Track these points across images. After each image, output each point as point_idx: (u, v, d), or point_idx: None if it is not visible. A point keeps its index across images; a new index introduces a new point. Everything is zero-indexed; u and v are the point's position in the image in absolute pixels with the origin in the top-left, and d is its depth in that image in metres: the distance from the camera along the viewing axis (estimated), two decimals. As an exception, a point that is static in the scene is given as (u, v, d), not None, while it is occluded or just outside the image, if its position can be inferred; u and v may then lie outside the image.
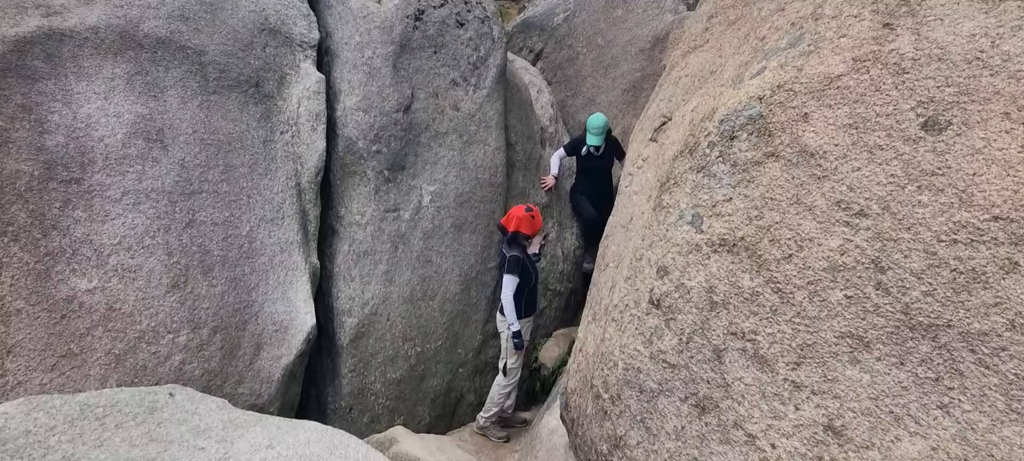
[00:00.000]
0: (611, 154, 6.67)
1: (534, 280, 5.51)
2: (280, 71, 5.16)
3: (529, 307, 5.54)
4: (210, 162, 4.59)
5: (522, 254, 5.38)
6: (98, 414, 3.08)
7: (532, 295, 5.56)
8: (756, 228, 2.59)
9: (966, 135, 2.09)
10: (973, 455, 2.04)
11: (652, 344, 2.94)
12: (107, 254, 4.07)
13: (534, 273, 5.50)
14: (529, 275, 5.42)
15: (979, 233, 2.02)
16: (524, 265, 5.37)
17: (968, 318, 2.04)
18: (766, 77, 2.71)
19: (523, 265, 5.36)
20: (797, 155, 2.49)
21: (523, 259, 5.37)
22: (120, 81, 4.37)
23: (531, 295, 5.53)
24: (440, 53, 5.87)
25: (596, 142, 6.35)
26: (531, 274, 5.44)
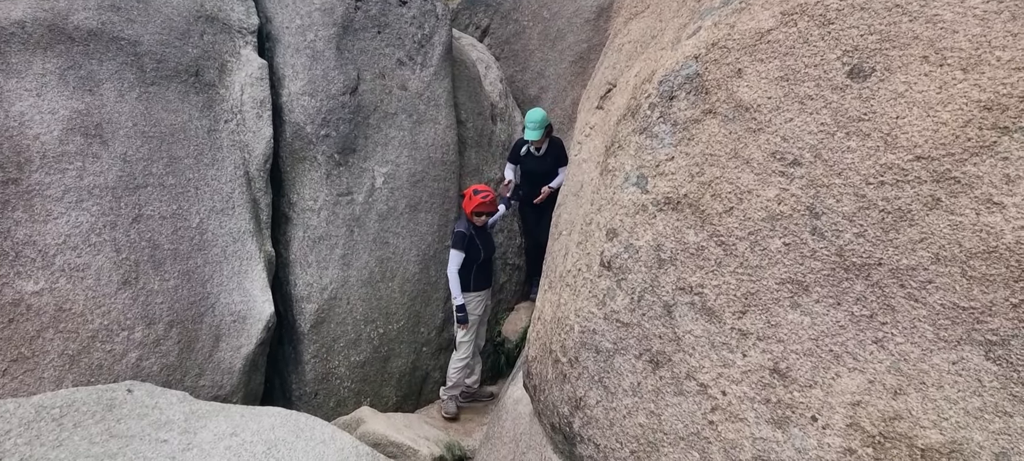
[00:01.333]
0: (552, 158, 6.39)
1: (483, 256, 5.48)
2: (220, 58, 5.05)
3: (481, 282, 5.53)
4: (153, 155, 4.49)
5: (467, 230, 5.40)
6: (55, 415, 3.03)
7: (484, 271, 5.54)
8: (698, 184, 2.67)
9: (889, 80, 2.18)
10: (906, 384, 2.17)
11: (605, 305, 3.01)
12: (52, 254, 3.97)
13: (483, 249, 5.48)
14: (477, 251, 5.42)
15: (904, 173, 2.12)
16: (469, 240, 5.38)
17: (897, 255, 2.15)
18: (701, 36, 2.77)
19: (468, 240, 5.37)
20: (733, 110, 2.57)
21: (467, 235, 5.38)
22: (52, 76, 4.23)
23: (482, 271, 5.52)
24: (384, 33, 5.82)
25: (533, 136, 6.09)
26: (479, 250, 5.43)
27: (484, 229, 5.53)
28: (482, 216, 5.41)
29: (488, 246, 5.57)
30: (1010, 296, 1.97)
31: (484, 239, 5.52)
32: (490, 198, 5.34)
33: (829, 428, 2.31)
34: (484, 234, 5.53)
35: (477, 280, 5.49)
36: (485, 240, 5.53)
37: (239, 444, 3.16)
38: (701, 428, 2.63)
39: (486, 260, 5.55)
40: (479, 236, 5.46)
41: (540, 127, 6.05)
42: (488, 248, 5.56)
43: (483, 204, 5.31)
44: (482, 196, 5.33)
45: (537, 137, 6.06)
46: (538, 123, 6.06)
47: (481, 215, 5.39)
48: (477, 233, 5.46)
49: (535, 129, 6.04)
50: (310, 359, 5.24)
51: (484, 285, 5.61)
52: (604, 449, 2.99)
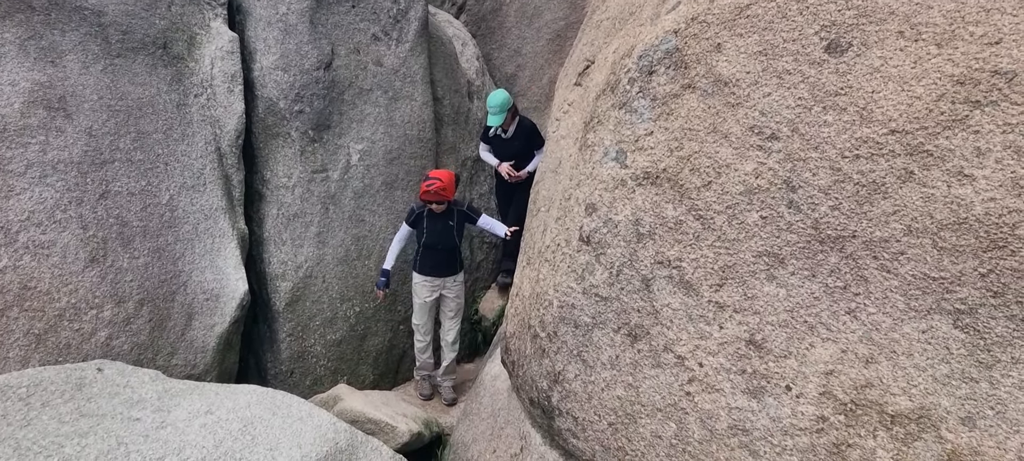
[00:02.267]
0: (523, 139, 6.06)
1: (428, 241, 5.20)
2: (189, 31, 4.92)
3: (428, 267, 5.27)
4: (120, 129, 4.37)
5: (418, 208, 5.22)
6: (21, 394, 2.96)
7: (433, 257, 5.26)
8: (677, 159, 2.68)
9: (865, 55, 2.20)
10: (878, 353, 2.22)
11: (584, 279, 3.02)
12: (15, 231, 3.86)
13: (430, 235, 5.19)
14: (422, 233, 5.21)
15: (879, 147, 2.15)
16: (416, 218, 5.21)
17: (870, 227, 2.19)
18: (681, 10, 2.77)
19: (415, 218, 5.21)
20: (712, 85, 2.58)
21: (416, 212, 5.21)
22: (12, 47, 4.08)
23: (430, 256, 5.25)
24: (359, 7, 5.72)
25: (494, 122, 5.82)
26: (424, 232, 5.20)
27: (443, 218, 5.20)
28: (432, 203, 5.08)
29: (440, 236, 5.21)
30: (978, 266, 2.01)
31: (437, 227, 5.19)
32: (435, 187, 4.96)
33: (803, 397, 2.36)
34: (440, 222, 5.20)
35: (423, 264, 5.27)
36: (438, 229, 5.20)
37: (214, 422, 3.12)
38: (678, 399, 2.66)
39: (436, 248, 5.23)
40: (431, 220, 5.18)
41: (502, 110, 5.76)
42: (439, 238, 5.21)
43: (427, 192, 4.98)
44: (427, 184, 4.99)
45: (499, 122, 5.80)
46: (499, 106, 5.76)
47: (429, 202, 5.08)
48: (430, 217, 5.18)
49: (497, 114, 5.76)
50: (285, 337, 5.19)
51: (433, 272, 5.27)
52: (582, 422, 3.02)
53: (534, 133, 6.05)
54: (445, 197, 5.03)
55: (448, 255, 5.26)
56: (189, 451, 2.92)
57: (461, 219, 5.29)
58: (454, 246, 5.27)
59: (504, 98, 5.78)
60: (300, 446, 3.12)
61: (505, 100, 5.78)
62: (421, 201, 5.11)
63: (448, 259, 5.28)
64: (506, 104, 5.78)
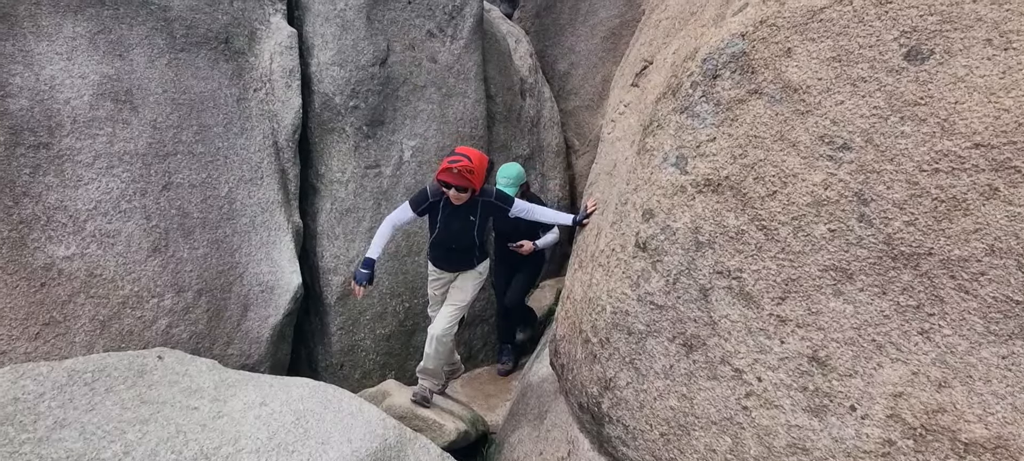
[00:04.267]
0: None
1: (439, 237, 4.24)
2: (250, 26, 5.02)
3: (440, 260, 4.40)
4: (183, 122, 4.49)
5: (432, 193, 4.13)
6: (87, 379, 3.07)
7: (443, 250, 4.33)
8: (740, 167, 2.60)
9: (948, 63, 2.09)
10: (952, 377, 2.10)
11: (639, 286, 2.96)
12: (83, 220, 4.00)
13: (441, 229, 4.20)
14: (434, 224, 4.24)
15: (960, 161, 2.04)
16: (428, 206, 4.15)
17: (949, 245, 2.08)
18: (748, 13, 2.68)
19: (423, 204, 4.14)
20: (780, 91, 2.49)
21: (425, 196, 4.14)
22: (82, 40, 4.22)
23: (440, 249, 4.33)
24: (414, 3, 5.74)
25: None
26: (436, 224, 4.22)
27: (463, 212, 4.13)
28: (448, 187, 3.93)
29: (456, 235, 4.20)
30: (1070, 292, 1.89)
31: (453, 225, 4.17)
32: (460, 167, 3.82)
33: (868, 418, 2.26)
34: (458, 218, 4.15)
35: (434, 253, 4.40)
36: (455, 227, 4.17)
37: (269, 414, 3.18)
38: (734, 413, 2.59)
39: (448, 247, 4.28)
40: (447, 213, 4.14)
41: (514, 184, 5.09)
42: (455, 237, 4.21)
43: (448, 172, 3.84)
44: (450, 160, 3.88)
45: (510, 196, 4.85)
46: (513, 180, 5.11)
47: (448, 186, 3.93)
48: (446, 209, 4.13)
49: (508, 187, 5.02)
50: (336, 331, 5.26)
51: (443, 265, 4.40)
52: (633, 430, 2.97)
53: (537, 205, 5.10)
54: (470, 183, 3.89)
55: (464, 253, 4.33)
56: (244, 441, 2.98)
57: (487, 213, 4.19)
58: (472, 244, 4.28)
59: (518, 172, 5.22)
60: (350, 441, 3.15)
61: (519, 174, 5.20)
62: (437, 183, 3.98)
63: (463, 256, 4.34)
64: (519, 179, 5.19)
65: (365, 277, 4.02)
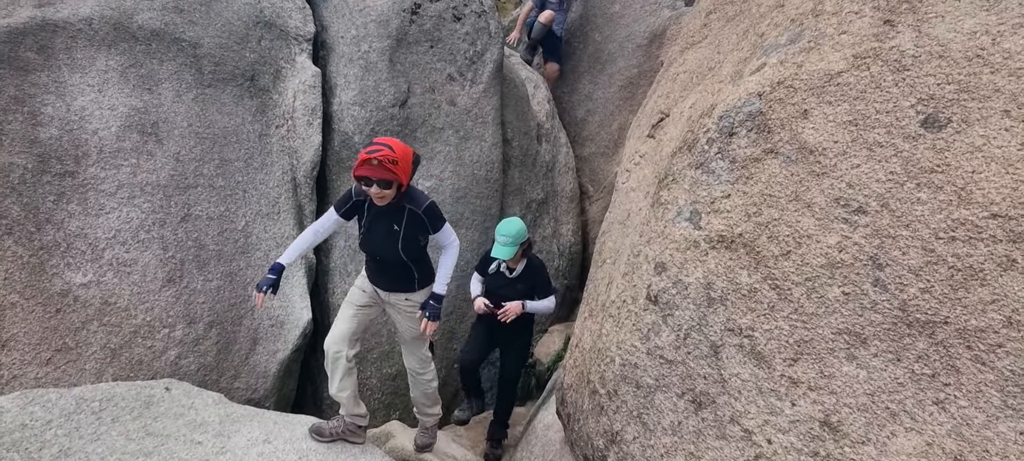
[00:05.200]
0: (528, 283, 4.78)
1: (363, 242, 3.46)
2: (276, 65, 5.13)
3: (372, 271, 3.55)
4: (205, 156, 4.57)
5: (356, 193, 3.41)
6: (94, 408, 3.07)
7: (370, 261, 3.54)
8: (755, 225, 2.60)
9: (966, 132, 2.09)
10: (968, 451, 2.06)
11: (649, 340, 2.94)
12: (102, 248, 4.05)
13: (366, 238, 3.42)
14: (360, 227, 3.47)
15: (977, 230, 2.03)
16: (351, 206, 3.44)
17: (965, 315, 2.05)
18: (766, 73, 2.71)
19: (350, 205, 3.44)
20: (796, 152, 2.49)
21: (354, 197, 3.43)
22: (114, 73, 4.34)
23: (368, 259, 3.55)
24: (437, 47, 5.85)
25: (503, 253, 4.50)
26: (361, 229, 3.46)
27: (387, 217, 3.33)
28: (368, 183, 3.14)
29: (379, 244, 3.38)
30: (1090, 369, 1.86)
31: (376, 229, 3.37)
32: (381, 155, 3.06)
33: (882, 490, 2.20)
34: (381, 222, 3.35)
35: (367, 266, 3.62)
36: (378, 233, 3.37)
37: (271, 452, 3.16)
38: (744, 477, 2.54)
39: (372, 251, 3.47)
40: (371, 215, 3.38)
41: (514, 243, 4.52)
42: (378, 246, 3.39)
43: (363, 164, 3.10)
44: (367, 152, 3.12)
45: (509, 255, 4.52)
46: (513, 237, 4.52)
47: (365, 181, 3.14)
48: (371, 210, 3.37)
49: (508, 245, 4.50)
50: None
51: (375, 281, 3.55)
52: (640, 488, 2.92)
53: (543, 278, 4.87)
54: (394, 176, 3.11)
55: (393, 269, 3.48)
56: (246, 480, 2.96)
57: (414, 227, 3.36)
58: (399, 261, 3.40)
59: (519, 229, 4.58)
60: (353, 484, 3.12)
61: (520, 231, 4.58)
62: (355, 178, 3.20)
63: (394, 274, 3.50)
64: (520, 236, 4.57)
65: (269, 283, 3.30)
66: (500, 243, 4.55)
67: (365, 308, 3.58)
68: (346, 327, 3.51)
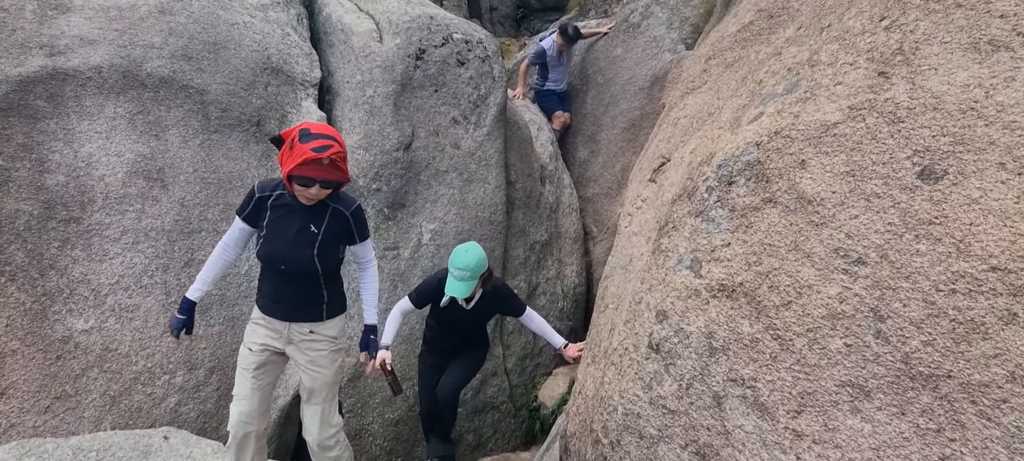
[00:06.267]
0: (490, 311, 4.35)
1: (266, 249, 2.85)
2: (281, 110, 5.20)
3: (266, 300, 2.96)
4: (210, 201, 4.60)
5: (268, 188, 2.92)
6: (91, 459, 3.05)
7: (272, 281, 2.94)
8: (755, 274, 2.58)
9: (962, 185, 2.09)
10: (977, 509, 2.01)
11: (652, 389, 2.91)
12: (104, 294, 4.06)
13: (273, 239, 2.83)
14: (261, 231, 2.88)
15: (977, 283, 2.01)
16: (250, 203, 2.90)
17: (968, 369, 2.02)
18: (763, 123, 2.73)
19: (253, 205, 2.89)
20: (795, 201, 2.49)
21: (263, 194, 2.89)
22: (122, 120, 4.40)
23: (269, 279, 2.95)
24: (441, 92, 5.93)
25: (461, 291, 3.84)
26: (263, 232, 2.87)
27: (308, 216, 2.82)
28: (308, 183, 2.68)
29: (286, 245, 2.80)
30: (1098, 426, 1.82)
31: (287, 223, 2.81)
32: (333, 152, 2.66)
33: (890, 548, 2.15)
34: (296, 220, 2.81)
35: (261, 290, 2.99)
36: (289, 227, 2.80)
37: (269, 503, 3.11)
38: (748, 532, 2.48)
39: (274, 262, 2.85)
40: (279, 212, 2.82)
41: (473, 276, 3.88)
42: (282, 248, 2.81)
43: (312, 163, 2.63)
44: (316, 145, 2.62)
45: (465, 292, 3.87)
46: (472, 270, 3.86)
47: (303, 181, 2.67)
48: (279, 206, 2.83)
49: (465, 279, 3.85)
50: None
51: (273, 310, 2.95)
52: (643, 542, 2.86)
53: (509, 302, 4.33)
54: (342, 177, 2.76)
55: (302, 288, 2.90)
56: (242, 532, 2.92)
57: (335, 230, 2.89)
58: (309, 276, 2.85)
59: (479, 258, 3.92)
60: (351, 537, 3.07)
61: (480, 261, 3.92)
62: (291, 178, 2.67)
63: (301, 295, 2.92)
64: (480, 267, 3.92)
65: (180, 325, 2.97)
66: (456, 278, 3.83)
67: (264, 368, 2.96)
68: (250, 404, 2.91)
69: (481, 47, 6.34)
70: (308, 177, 2.66)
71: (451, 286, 3.87)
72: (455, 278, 3.86)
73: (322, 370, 3.01)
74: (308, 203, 2.80)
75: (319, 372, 3.01)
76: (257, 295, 3.03)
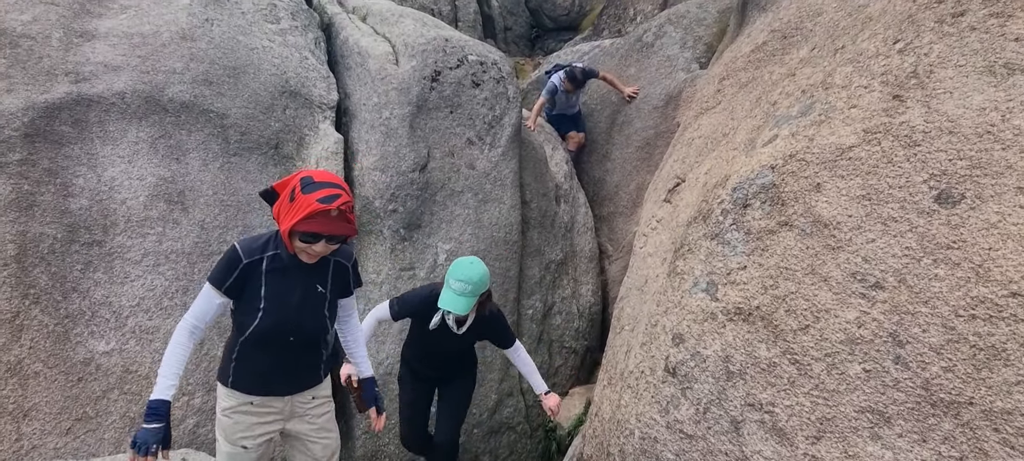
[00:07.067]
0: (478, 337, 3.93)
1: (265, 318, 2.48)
2: (299, 132, 5.27)
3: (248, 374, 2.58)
4: (229, 223, 4.66)
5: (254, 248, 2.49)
6: (111, 482, 3.07)
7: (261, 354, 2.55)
8: (772, 297, 2.58)
9: (980, 209, 2.07)
10: (1002, 538, 1.98)
11: (669, 413, 2.90)
12: (125, 316, 4.12)
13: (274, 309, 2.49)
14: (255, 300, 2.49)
15: (998, 309, 1.99)
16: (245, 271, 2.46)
17: (990, 396, 2.00)
18: (778, 146, 2.72)
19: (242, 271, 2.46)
20: (811, 225, 2.49)
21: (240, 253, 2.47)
22: (144, 145, 4.48)
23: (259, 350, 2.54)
24: (456, 113, 5.97)
25: (461, 307, 3.42)
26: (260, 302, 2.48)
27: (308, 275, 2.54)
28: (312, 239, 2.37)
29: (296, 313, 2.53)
30: (1124, 455, 1.79)
31: (289, 286, 2.51)
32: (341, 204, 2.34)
33: None
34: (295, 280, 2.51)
35: (252, 368, 2.58)
36: (292, 294, 2.52)
37: (287, 526, 3.12)
38: (768, 560, 2.45)
39: (280, 335, 2.53)
40: (277, 275, 2.48)
41: (474, 292, 3.48)
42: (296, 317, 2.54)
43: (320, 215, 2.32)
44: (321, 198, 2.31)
45: (465, 309, 3.45)
46: (474, 284, 3.46)
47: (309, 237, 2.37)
48: (273, 269, 2.48)
49: (466, 295, 3.44)
50: (361, 435, 5.21)
51: (267, 388, 2.61)
52: None
53: (498, 328, 3.92)
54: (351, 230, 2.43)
55: (307, 355, 2.65)
56: (260, 556, 2.92)
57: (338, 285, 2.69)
58: (317, 340, 2.64)
59: (482, 274, 3.52)
60: (367, 560, 3.06)
61: (483, 277, 3.51)
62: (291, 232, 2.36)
63: (306, 363, 2.66)
64: (483, 284, 3.52)
65: (156, 436, 2.39)
66: (455, 291, 3.42)
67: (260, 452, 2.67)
68: None
69: (496, 68, 6.39)
70: (314, 232, 2.34)
71: (449, 300, 3.42)
72: (455, 291, 3.42)
73: (331, 433, 2.81)
74: (310, 261, 2.50)
75: (329, 436, 2.79)
76: (234, 375, 2.56)
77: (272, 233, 2.55)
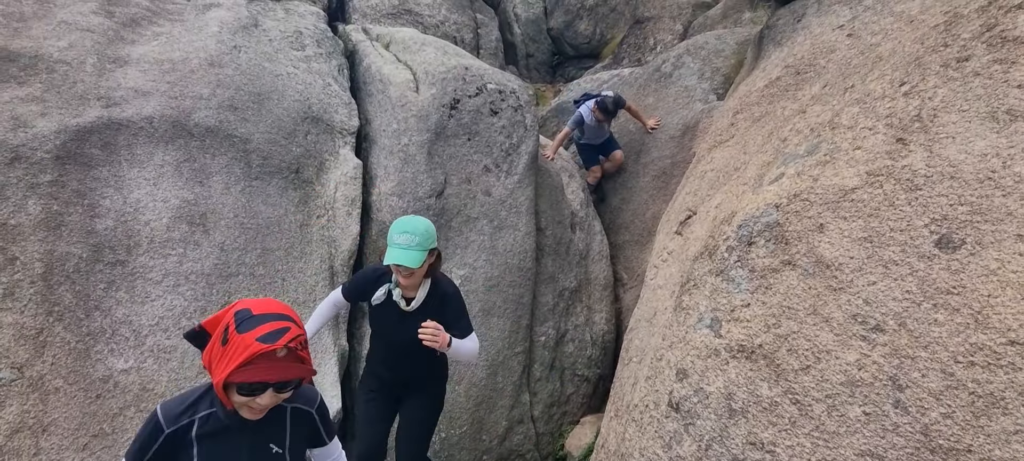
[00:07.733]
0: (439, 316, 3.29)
1: None
2: (320, 157, 5.39)
3: None
4: (248, 245, 4.77)
5: (189, 415, 1.97)
6: (124, 498, 3.14)
7: None
8: (774, 336, 2.59)
9: (980, 255, 2.08)
10: None
11: (671, 448, 2.90)
12: (145, 335, 4.22)
13: None
14: None
15: (996, 357, 1.99)
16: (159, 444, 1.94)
17: (989, 444, 1.99)
18: (783, 184, 2.75)
19: (157, 442, 1.94)
20: (813, 265, 2.50)
21: (164, 425, 1.95)
22: (169, 168, 4.62)
23: None
24: (474, 140, 6.06)
25: (409, 260, 3.06)
26: None
27: (261, 430, 2.03)
28: (257, 390, 1.86)
29: None
30: (1123, 509, 1.77)
31: (231, 455, 2.01)
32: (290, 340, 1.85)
33: None
34: (238, 441, 2.00)
35: None
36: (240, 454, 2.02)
37: (292, 548, 3.16)
38: None
39: None
40: (213, 441, 1.97)
41: (421, 246, 3.12)
42: None
43: (261, 359, 1.81)
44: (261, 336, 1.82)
45: (415, 262, 3.08)
46: (419, 236, 3.12)
47: (249, 389, 1.85)
48: (212, 433, 1.97)
49: (412, 248, 3.08)
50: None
51: None
52: None
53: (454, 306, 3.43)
54: (304, 371, 1.91)
55: None
56: None
57: (299, 438, 2.16)
58: None
59: (427, 227, 3.19)
60: None
61: (427, 230, 3.19)
62: (228, 384, 1.85)
63: None
64: (428, 238, 3.18)
65: None
66: (401, 244, 3.08)
67: None
68: None
69: (514, 97, 6.48)
70: (255, 383, 1.82)
71: (396, 255, 3.06)
72: (401, 245, 3.07)
73: None
74: (255, 416, 1.94)
75: None
76: None
77: (205, 387, 2.00)
